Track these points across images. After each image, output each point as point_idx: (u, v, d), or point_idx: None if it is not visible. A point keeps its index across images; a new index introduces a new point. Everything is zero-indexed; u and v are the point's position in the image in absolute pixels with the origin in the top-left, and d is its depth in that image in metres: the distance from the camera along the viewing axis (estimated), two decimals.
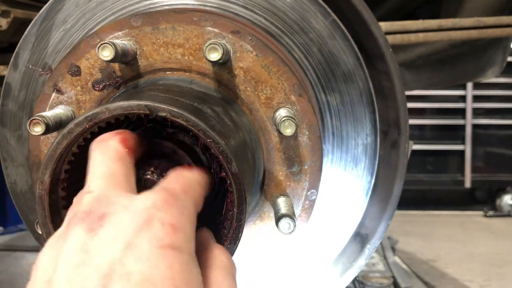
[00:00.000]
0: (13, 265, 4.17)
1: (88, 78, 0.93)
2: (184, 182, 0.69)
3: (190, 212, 0.65)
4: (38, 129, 0.86)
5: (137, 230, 0.58)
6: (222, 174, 0.79)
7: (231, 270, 0.70)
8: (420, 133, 7.25)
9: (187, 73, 0.92)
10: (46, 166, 0.75)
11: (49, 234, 0.75)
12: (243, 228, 0.80)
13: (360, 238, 1.12)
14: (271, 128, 0.93)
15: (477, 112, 7.24)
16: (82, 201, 0.64)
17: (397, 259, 4.24)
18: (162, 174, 0.80)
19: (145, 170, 0.80)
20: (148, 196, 0.63)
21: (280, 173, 0.95)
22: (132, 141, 0.74)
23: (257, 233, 0.97)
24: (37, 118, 0.86)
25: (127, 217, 0.59)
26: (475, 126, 7.24)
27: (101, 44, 0.84)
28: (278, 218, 0.89)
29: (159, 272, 0.55)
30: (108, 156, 0.70)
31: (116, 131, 0.74)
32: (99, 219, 0.60)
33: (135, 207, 0.61)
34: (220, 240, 0.80)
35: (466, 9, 2.21)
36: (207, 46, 0.86)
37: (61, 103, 0.94)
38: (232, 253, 0.79)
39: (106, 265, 0.55)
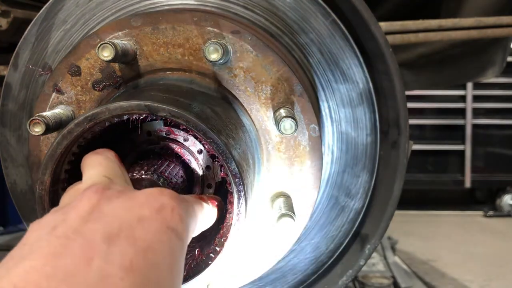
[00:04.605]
0: None
1: (88, 78, 0.93)
2: (196, 202, 0.75)
3: (194, 217, 0.71)
4: (38, 129, 0.86)
5: (149, 207, 0.62)
6: (222, 174, 0.79)
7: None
8: (420, 133, 7.24)
9: (187, 73, 0.92)
10: (46, 166, 0.75)
11: None
12: (243, 228, 0.80)
13: (360, 238, 1.12)
14: (271, 128, 0.93)
15: (477, 112, 7.23)
16: (96, 180, 0.68)
17: (397, 259, 4.23)
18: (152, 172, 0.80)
19: (134, 171, 0.81)
20: (162, 188, 0.68)
21: (280, 173, 0.95)
22: (119, 158, 0.79)
23: (257, 233, 0.97)
24: (37, 118, 0.86)
25: (143, 196, 0.64)
26: (475, 126, 7.24)
27: (101, 44, 0.84)
28: (278, 218, 0.89)
29: (162, 247, 0.59)
30: (107, 160, 0.74)
31: (106, 149, 0.78)
32: (117, 192, 0.64)
33: (150, 192, 0.65)
34: (220, 240, 0.80)
35: (466, 9, 2.21)
36: (207, 46, 0.86)
37: (61, 103, 0.94)
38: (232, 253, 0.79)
39: (116, 225, 0.58)
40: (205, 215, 0.76)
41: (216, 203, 0.80)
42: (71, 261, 0.52)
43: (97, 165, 0.72)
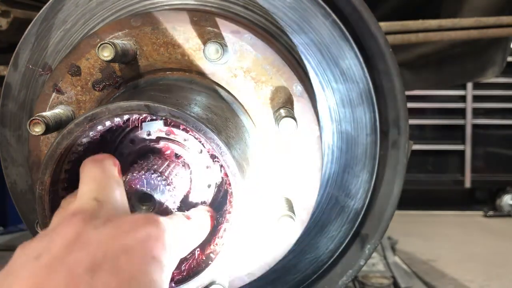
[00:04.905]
0: None
1: (88, 78, 0.93)
2: (185, 223, 0.77)
3: (182, 241, 0.73)
4: (38, 129, 0.86)
5: (134, 237, 0.62)
6: (222, 174, 0.79)
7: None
8: (420, 133, 7.24)
9: (187, 73, 0.92)
10: (46, 166, 0.75)
11: None
12: (243, 228, 0.80)
13: (360, 238, 1.12)
14: (271, 128, 0.93)
15: (477, 112, 7.23)
16: (84, 203, 0.67)
17: (397, 259, 4.23)
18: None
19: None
20: (150, 215, 0.69)
21: (280, 173, 0.95)
22: (119, 165, 0.79)
23: (257, 233, 0.97)
24: (37, 118, 0.86)
25: (128, 225, 0.64)
26: (475, 126, 7.24)
27: (101, 44, 0.84)
28: (278, 218, 0.89)
29: (145, 278, 0.59)
30: (104, 173, 0.73)
31: (106, 155, 0.78)
32: (103, 220, 0.64)
33: (136, 220, 0.66)
34: (220, 240, 0.80)
35: (466, 9, 2.21)
36: (207, 46, 0.86)
37: (61, 103, 0.94)
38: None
39: (100, 255, 0.58)
40: (194, 234, 0.77)
41: (208, 216, 0.81)
42: None
43: (91, 181, 0.71)
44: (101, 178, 0.72)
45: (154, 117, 0.77)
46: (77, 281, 0.54)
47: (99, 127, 0.77)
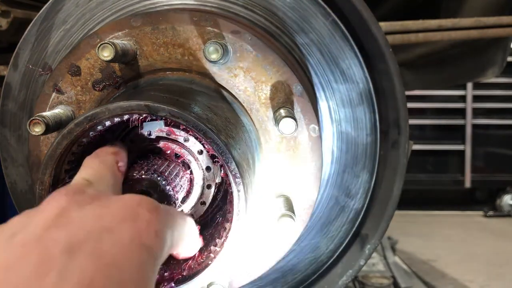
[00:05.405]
0: None
1: (88, 78, 0.93)
2: (181, 216, 0.70)
3: (177, 231, 0.65)
4: (38, 129, 0.86)
5: (122, 218, 0.56)
6: (222, 174, 0.79)
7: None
8: (420, 133, 7.25)
9: (187, 73, 0.92)
10: (46, 166, 0.75)
11: None
12: (243, 228, 0.80)
13: (360, 238, 1.12)
14: (271, 128, 0.93)
15: (477, 112, 7.24)
16: (73, 182, 0.64)
17: (397, 259, 4.23)
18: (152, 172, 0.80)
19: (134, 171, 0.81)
20: (143, 197, 0.62)
21: (280, 173, 0.95)
22: (123, 162, 0.77)
23: (257, 233, 0.97)
24: (37, 118, 0.86)
25: (118, 205, 0.58)
26: (475, 126, 7.24)
27: (101, 44, 0.84)
28: (278, 218, 0.89)
29: (129, 264, 0.53)
30: (101, 163, 0.71)
31: (112, 148, 0.76)
32: (90, 198, 0.59)
33: (127, 200, 0.60)
34: (220, 240, 0.80)
35: (466, 9, 2.21)
36: (207, 46, 0.86)
37: (61, 103, 0.94)
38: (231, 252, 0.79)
39: (81, 235, 0.52)
40: (191, 231, 0.71)
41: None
42: (23, 275, 0.47)
43: (86, 167, 0.69)
44: (97, 166, 0.69)
45: (154, 117, 0.77)
46: (50, 263, 0.48)
47: (99, 127, 0.77)
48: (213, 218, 0.93)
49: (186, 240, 0.71)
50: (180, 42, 0.91)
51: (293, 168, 0.95)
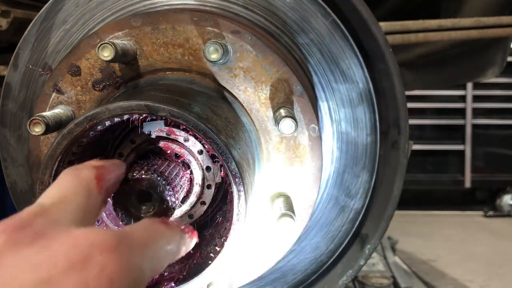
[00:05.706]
0: None
1: (88, 78, 0.93)
2: (150, 235, 0.58)
3: (138, 273, 0.51)
4: (38, 129, 0.86)
5: (67, 267, 0.46)
6: (222, 174, 0.79)
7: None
8: (420, 133, 7.25)
9: (187, 73, 0.92)
10: (46, 166, 0.75)
11: None
12: (243, 228, 0.80)
13: (360, 238, 1.12)
14: (271, 128, 0.93)
15: (477, 112, 7.24)
16: (26, 209, 0.53)
17: (397, 259, 4.24)
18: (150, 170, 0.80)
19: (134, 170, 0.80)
20: (99, 232, 0.50)
21: (280, 173, 0.95)
22: (109, 178, 0.66)
23: (257, 233, 0.97)
24: (37, 118, 0.86)
25: (65, 246, 0.48)
26: (475, 126, 7.24)
27: (101, 44, 0.84)
28: (278, 218, 0.89)
29: None
30: (74, 180, 0.61)
31: (95, 162, 0.67)
32: (32, 236, 0.48)
33: (78, 239, 0.49)
34: (220, 240, 0.80)
35: (466, 9, 2.21)
36: (207, 46, 0.86)
37: (61, 103, 0.94)
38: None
39: None
40: (169, 249, 0.60)
41: (189, 233, 0.66)
42: None
43: (54, 184, 0.59)
44: (67, 183, 0.58)
45: (154, 117, 0.77)
46: None
47: (99, 127, 0.77)
48: (213, 218, 0.93)
49: (171, 259, 0.62)
50: (180, 42, 0.91)
51: (293, 168, 0.95)
